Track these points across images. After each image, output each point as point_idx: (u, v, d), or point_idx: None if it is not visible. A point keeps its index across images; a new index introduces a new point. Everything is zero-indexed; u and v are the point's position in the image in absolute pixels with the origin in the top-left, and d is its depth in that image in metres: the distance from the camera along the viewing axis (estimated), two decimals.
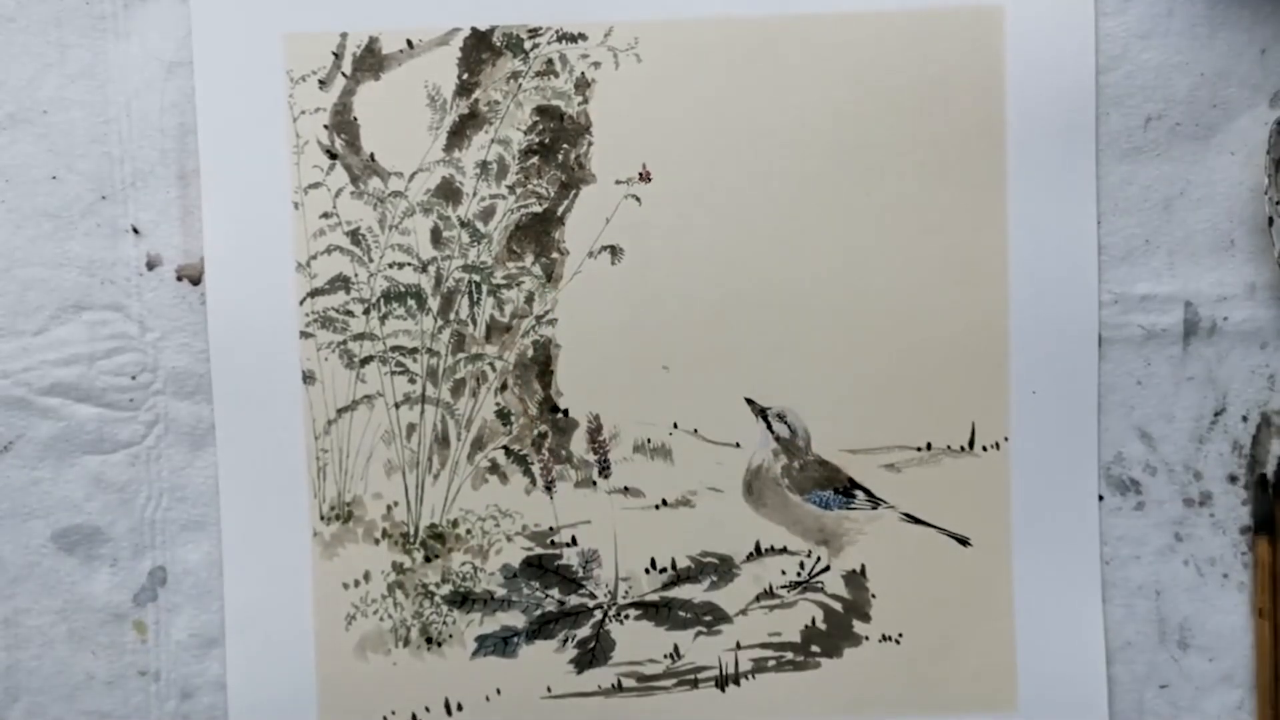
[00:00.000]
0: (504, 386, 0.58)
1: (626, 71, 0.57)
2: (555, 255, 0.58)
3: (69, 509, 0.58)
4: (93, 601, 0.59)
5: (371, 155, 0.57)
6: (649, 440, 0.58)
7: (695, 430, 0.58)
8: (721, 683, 0.59)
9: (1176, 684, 0.59)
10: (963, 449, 0.58)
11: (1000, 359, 0.58)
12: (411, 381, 0.58)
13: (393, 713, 0.59)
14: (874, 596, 0.59)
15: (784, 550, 0.59)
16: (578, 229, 0.58)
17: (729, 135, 0.57)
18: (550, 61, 0.57)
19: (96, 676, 0.59)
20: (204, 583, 0.59)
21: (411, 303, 0.58)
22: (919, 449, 0.58)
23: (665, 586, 0.59)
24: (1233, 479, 0.59)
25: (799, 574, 0.59)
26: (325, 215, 0.58)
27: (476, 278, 0.58)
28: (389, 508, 0.58)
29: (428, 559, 0.59)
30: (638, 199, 0.58)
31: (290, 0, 0.57)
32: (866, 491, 0.58)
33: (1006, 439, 0.58)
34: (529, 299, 0.58)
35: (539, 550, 0.59)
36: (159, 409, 0.58)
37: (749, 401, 0.58)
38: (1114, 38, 0.57)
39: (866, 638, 0.59)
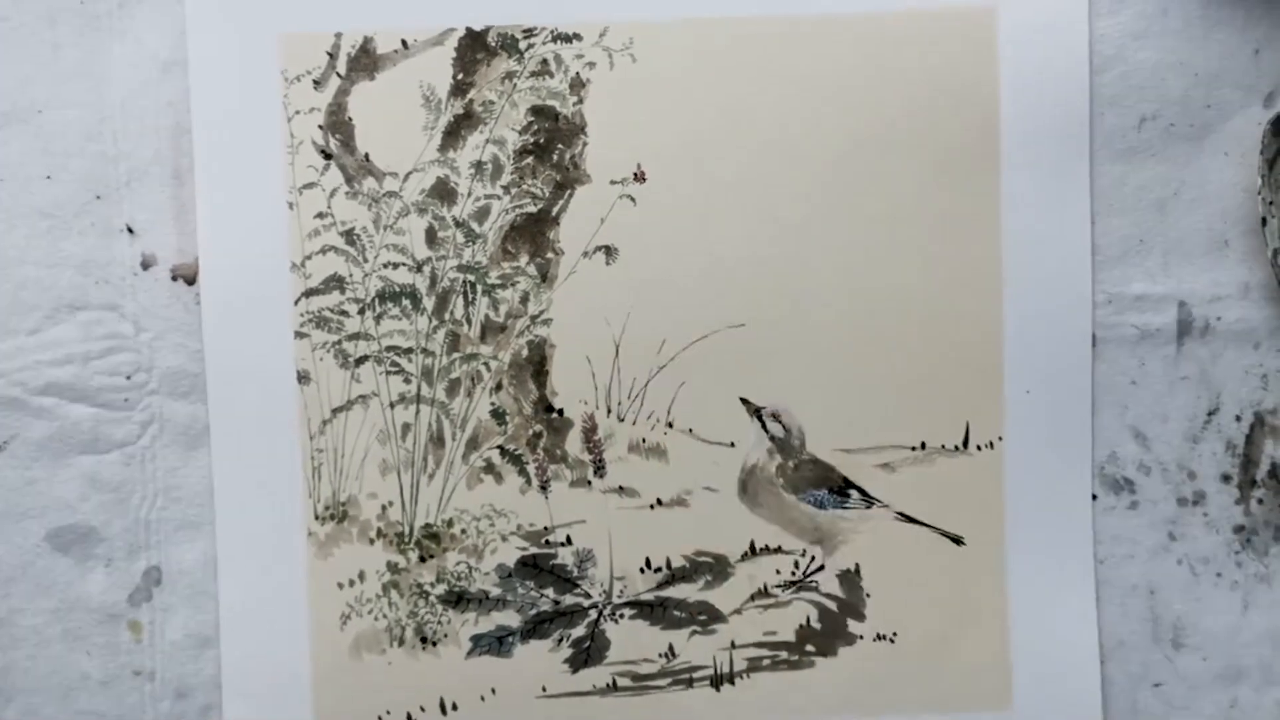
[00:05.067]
0: (499, 386, 0.58)
1: (621, 71, 0.57)
2: (550, 255, 0.58)
3: (63, 509, 0.58)
4: (87, 601, 0.58)
5: (366, 155, 0.57)
6: (644, 440, 0.58)
7: (690, 430, 0.58)
8: (716, 682, 0.59)
9: (1170, 683, 0.59)
10: (957, 448, 0.58)
11: (995, 358, 0.58)
12: (406, 381, 0.58)
13: (388, 712, 0.59)
14: (868, 596, 0.59)
15: (779, 550, 0.59)
16: (572, 229, 0.58)
17: (723, 135, 0.57)
18: (545, 61, 0.57)
19: (91, 676, 0.59)
20: (199, 583, 0.58)
21: (406, 303, 0.58)
22: (913, 448, 0.58)
23: (660, 586, 0.59)
24: (1226, 479, 0.59)
25: (794, 573, 0.59)
26: (320, 215, 0.58)
27: (471, 278, 0.58)
28: (384, 507, 0.58)
29: (423, 559, 0.59)
30: (632, 199, 0.58)
31: (285, 0, 0.57)
32: (861, 491, 0.58)
33: (1001, 438, 0.58)
34: (524, 299, 0.58)
35: (534, 550, 0.59)
36: (154, 409, 0.58)
37: (744, 401, 0.58)
38: (1108, 38, 0.57)
39: (861, 637, 0.59)
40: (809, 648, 0.59)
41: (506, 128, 0.57)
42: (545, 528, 0.59)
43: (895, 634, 0.59)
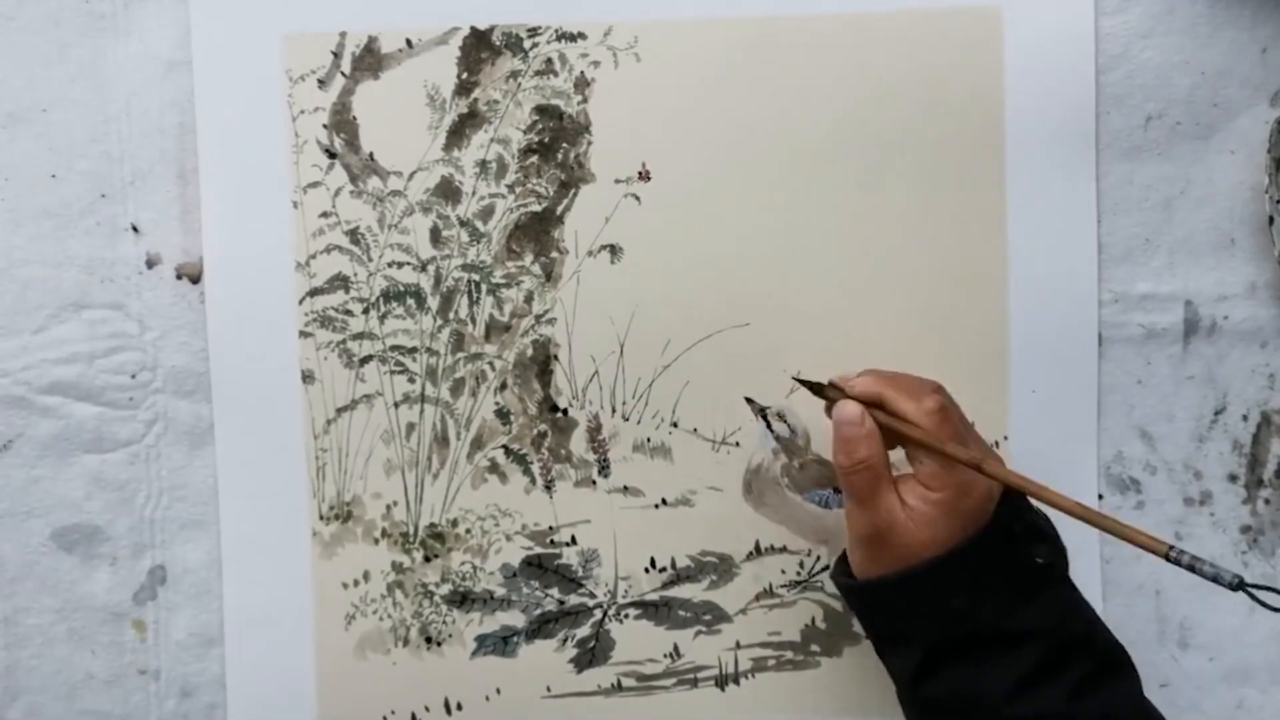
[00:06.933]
0: (503, 386, 0.58)
1: (626, 71, 0.57)
2: (554, 254, 0.58)
3: (68, 508, 0.58)
4: (92, 600, 0.59)
5: (371, 154, 0.57)
6: (648, 439, 0.58)
7: (695, 429, 0.58)
8: (721, 682, 0.59)
9: (1176, 683, 0.59)
10: None
11: (1000, 358, 0.58)
12: (411, 381, 0.58)
13: (392, 712, 0.59)
14: None
15: (784, 549, 0.59)
16: (577, 228, 0.58)
17: (728, 135, 0.57)
18: (550, 61, 0.57)
19: (96, 675, 0.59)
20: (203, 582, 0.59)
21: (411, 302, 0.58)
22: None
23: (665, 586, 0.59)
24: (1233, 478, 0.59)
25: (799, 573, 0.59)
26: (324, 214, 0.58)
27: (476, 277, 0.58)
28: (388, 507, 0.58)
29: (427, 558, 0.59)
30: (637, 198, 0.58)
31: (289, 0, 0.57)
32: None
33: (1006, 438, 0.58)
34: (528, 298, 0.58)
35: (538, 550, 0.59)
36: (158, 408, 0.58)
37: (749, 400, 0.58)
38: (1114, 37, 0.57)
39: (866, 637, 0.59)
40: (814, 648, 0.59)
41: (511, 127, 0.57)
42: (550, 527, 0.59)
43: None
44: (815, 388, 0.51)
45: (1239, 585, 0.40)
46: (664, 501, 0.59)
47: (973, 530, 0.47)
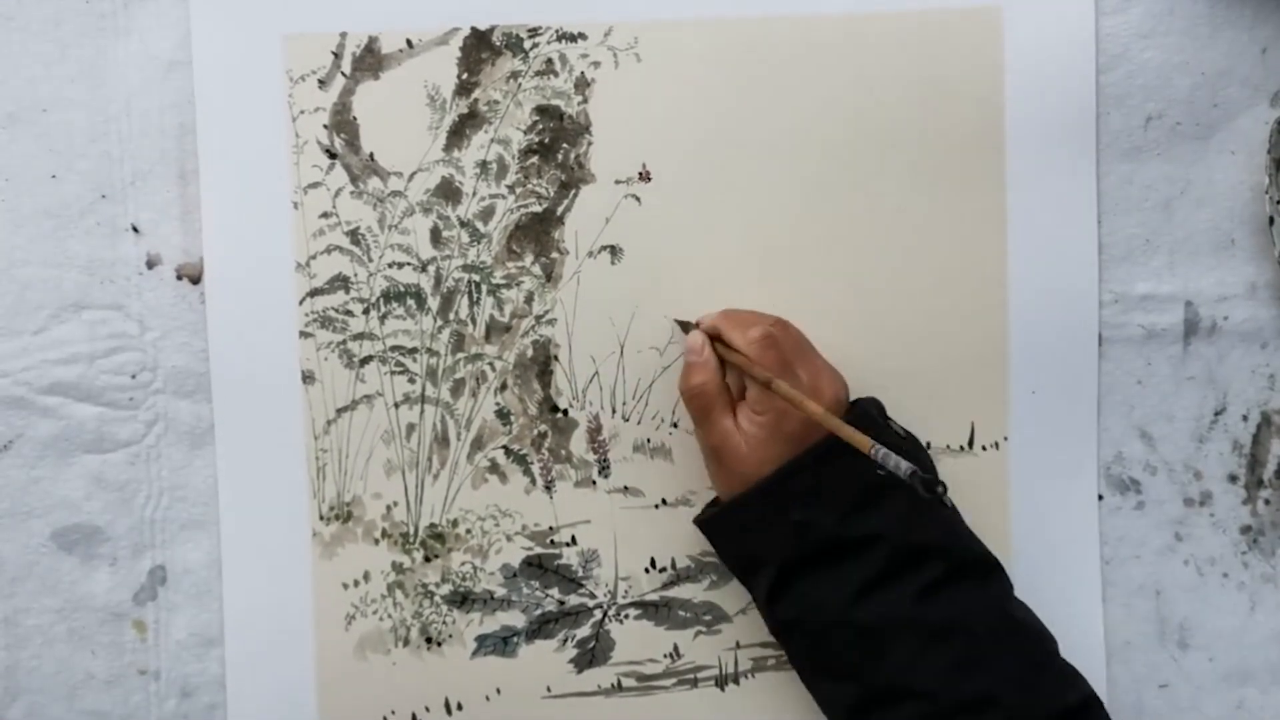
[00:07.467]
0: (504, 386, 0.58)
1: (626, 71, 0.57)
2: (555, 255, 0.58)
3: (69, 508, 0.58)
4: (92, 601, 0.59)
5: (371, 155, 0.57)
6: (648, 440, 0.58)
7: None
8: (721, 682, 0.59)
9: (1176, 684, 0.59)
10: (962, 449, 0.58)
11: (1000, 359, 0.58)
12: (411, 381, 0.58)
13: (392, 712, 0.59)
14: None
15: None
16: (577, 229, 0.58)
17: (729, 135, 0.57)
18: (550, 61, 0.57)
19: (96, 676, 0.59)
20: (204, 582, 0.59)
21: (411, 302, 0.58)
22: None
23: (665, 586, 0.59)
24: (1233, 479, 0.59)
25: None
26: (325, 215, 0.58)
27: (476, 277, 0.58)
28: (388, 508, 0.58)
29: (427, 559, 0.59)
30: (637, 199, 0.58)
31: (289, 0, 0.57)
32: None
33: (1006, 439, 0.58)
34: (529, 299, 0.58)
35: (539, 550, 0.59)
36: (158, 408, 0.58)
37: None
38: (1114, 37, 0.57)
39: None
40: None
41: (511, 127, 0.57)
42: (550, 528, 0.59)
43: None
44: (684, 326, 0.57)
45: (911, 475, 0.43)
46: (664, 502, 0.59)
47: (800, 450, 0.50)
